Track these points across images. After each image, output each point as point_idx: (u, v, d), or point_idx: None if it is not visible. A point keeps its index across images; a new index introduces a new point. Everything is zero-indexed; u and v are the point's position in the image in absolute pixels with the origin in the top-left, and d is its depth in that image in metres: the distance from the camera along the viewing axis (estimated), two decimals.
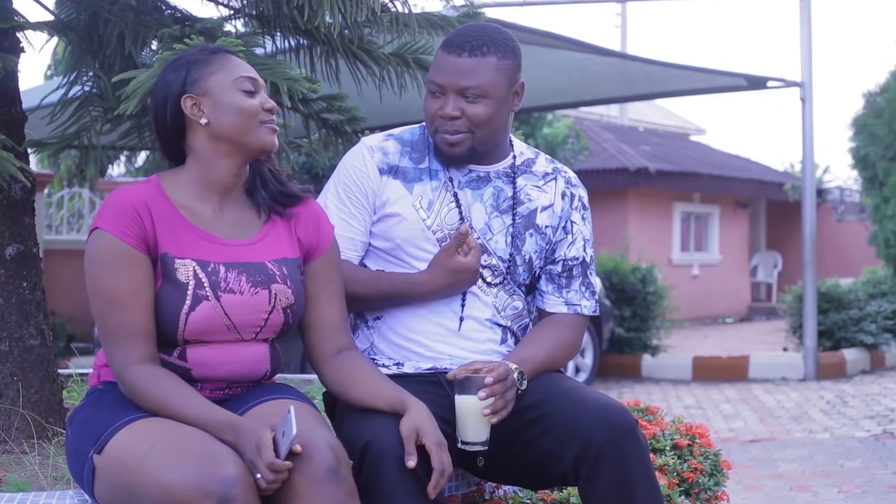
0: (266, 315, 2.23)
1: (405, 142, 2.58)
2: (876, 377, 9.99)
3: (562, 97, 9.83)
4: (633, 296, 10.49)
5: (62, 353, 8.64)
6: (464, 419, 2.30)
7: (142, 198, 2.20)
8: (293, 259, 2.30)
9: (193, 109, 2.23)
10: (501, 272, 2.54)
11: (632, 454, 2.27)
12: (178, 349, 2.20)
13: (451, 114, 2.45)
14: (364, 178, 2.53)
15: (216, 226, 2.25)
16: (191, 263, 2.18)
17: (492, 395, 2.28)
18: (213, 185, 2.26)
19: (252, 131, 2.23)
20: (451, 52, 2.47)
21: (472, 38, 2.47)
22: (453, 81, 2.45)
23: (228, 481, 1.91)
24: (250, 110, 2.23)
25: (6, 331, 3.01)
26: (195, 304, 2.16)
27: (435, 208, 2.52)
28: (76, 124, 3.18)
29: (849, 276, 13.74)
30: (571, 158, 12.78)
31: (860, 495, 5.14)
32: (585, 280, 2.62)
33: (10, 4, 3.03)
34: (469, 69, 2.44)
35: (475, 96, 2.45)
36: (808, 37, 9.71)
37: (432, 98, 2.49)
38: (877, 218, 11.24)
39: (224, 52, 2.31)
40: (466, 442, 2.31)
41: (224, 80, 2.24)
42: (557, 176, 2.65)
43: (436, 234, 2.50)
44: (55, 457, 2.70)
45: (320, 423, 2.14)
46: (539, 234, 2.57)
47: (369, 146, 2.56)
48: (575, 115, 16.09)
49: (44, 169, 10.95)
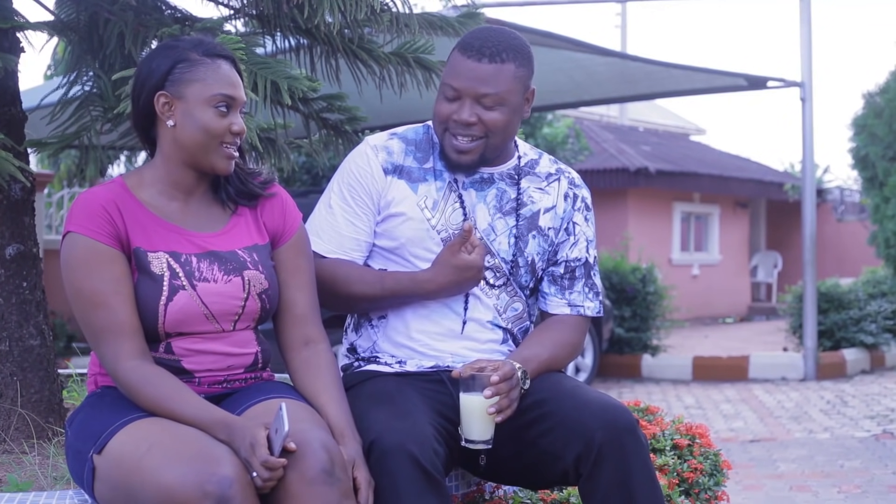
0: (242, 302, 2.25)
1: (409, 141, 2.57)
2: (876, 377, 9.98)
3: (562, 97, 9.84)
4: (633, 296, 10.48)
5: (62, 352, 8.64)
6: (468, 418, 2.30)
7: (109, 197, 2.21)
8: (262, 245, 2.32)
9: (164, 108, 2.22)
10: (504, 274, 2.53)
11: (633, 454, 2.27)
12: (163, 344, 2.21)
13: (468, 120, 2.43)
14: (368, 178, 2.52)
15: (184, 219, 2.27)
16: (164, 256, 2.20)
17: (497, 394, 2.28)
18: (177, 184, 2.27)
19: (210, 152, 2.22)
20: (470, 56, 2.43)
21: (491, 43, 2.44)
22: (472, 87, 2.42)
23: (226, 481, 1.92)
24: (215, 131, 2.21)
25: (6, 331, 3.01)
26: (172, 294, 2.18)
27: (440, 208, 2.51)
28: (76, 124, 3.18)
29: (849, 276, 13.75)
30: (571, 158, 12.78)
31: (860, 495, 5.14)
32: (589, 281, 2.61)
33: (10, 4, 3.03)
34: (489, 76, 2.42)
35: (493, 103, 2.43)
36: (808, 37, 9.71)
37: (446, 101, 2.46)
38: (877, 218, 11.24)
39: (216, 58, 2.25)
40: (470, 440, 2.31)
41: (201, 93, 2.21)
42: (560, 177, 2.64)
43: (440, 234, 2.50)
44: (55, 457, 2.70)
45: (316, 423, 2.14)
46: (542, 236, 2.57)
47: (373, 145, 2.55)
48: (575, 115, 16.09)
49: (44, 169, 10.94)
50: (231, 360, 2.26)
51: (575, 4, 11.36)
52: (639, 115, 21.98)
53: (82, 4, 3.09)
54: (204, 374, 2.23)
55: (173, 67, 2.22)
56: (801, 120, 9.85)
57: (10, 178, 2.85)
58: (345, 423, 2.20)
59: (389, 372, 2.49)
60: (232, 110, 2.23)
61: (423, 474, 2.14)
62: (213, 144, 2.22)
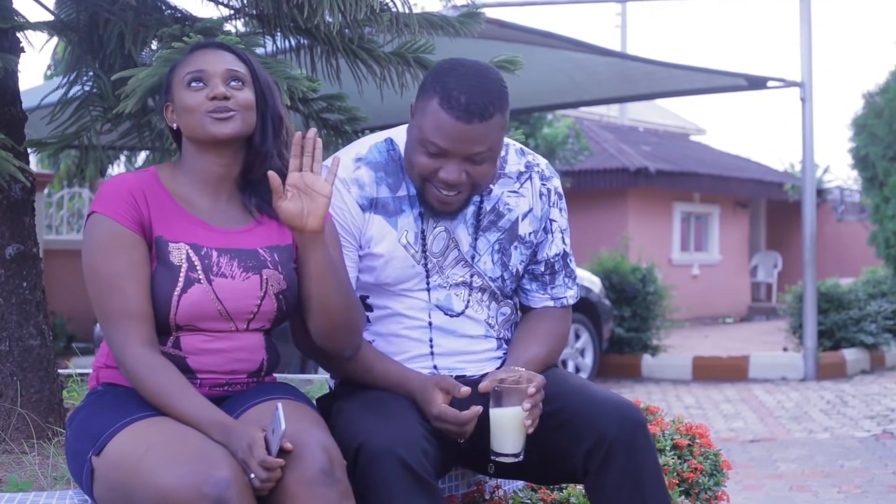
0: (258, 301, 2.24)
1: (377, 166, 2.47)
2: (876, 377, 9.98)
3: (562, 97, 9.83)
4: (633, 296, 10.49)
5: (62, 352, 8.64)
6: (502, 431, 2.26)
7: (138, 184, 2.24)
8: (284, 247, 2.31)
9: (171, 116, 2.30)
10: (490, 289, 2.53)
11: (643, 450, 2.28)
12: (172, 337, 2.21)
13: (458, 180, 2.35)
14: (347, 216, 2.44)
15: (210, 215, 2.28)
16: (184, 247, 2.20)
17: (534, 406, 2.26)
18: (206, 181, 2.29)
19: (199, 126, 2.23)
20: (458, 117, 2.30)
21: (476, 99, 2.30)
22: (462, 149, 2.32)
23: (223, 483, 1.91)
24: (191, 106, 2.23)
25: (6, 331, 3.01)
26: (187, 286, 2.18)
27: (421, 239, 2.47)
28: (76, 124, 3.18)
29: (849, 276, 13.75)
30: (571, 158, 12.80)
31: (860, 495, 5.14)
32: (567, 270, 2.62)
33: (10, 4, 3.02)
34: (479, 136, 2.32)
35: (483, 159, 2.36)
36: (808, 37, 9.71)
37: (428, 156, 2.35)
38: (877, 218, 11.24)
39: (199, 49, 2.31)
40: (504, 454, 2.27)
41: (178, 79, 2.28)
42: (531, 173, 2.58)
43: (427, 265, 2.47)
44: (55, 457, 2.70)
45: (315, 424, 2.14)
46: (523, 245, 2.55)
47: (343, 179, 2.44)
48: (575, 115, 16.09)
49: (44, 169, 10.94)
50: (236, 365, 2.25)
51: (575, 4, 11.36)
52: (639, 115, 21.98)
53: (82, 4, 3.09)
54: (206, 376, 2.23)
55: (171, 73, 2.31)
56: (801, 120, 9.85)
57: (10, 178, 2.85)
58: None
59: None
60: (208, 82, 2.23)
61: (412, 476, 2.13)
62: (197, 118, 2.23)
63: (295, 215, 2.15)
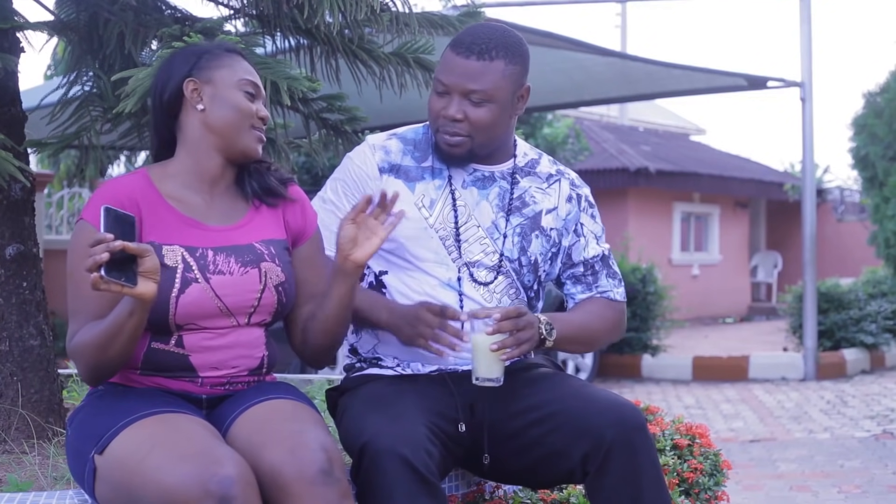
0: (258, 294, 2.25)
1: (408, 141, 2.59)
2: (876, 377, 9.99)
3: (562, 97, 9.83)
4: (633, 296, 10.48)
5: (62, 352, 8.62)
6: (475, 355, 2.35)
7: (128, 191, 2.24)
8: (280, 240, 2.34)
9: (194, 94, 2.30)
10: (507, 274, 2.53)
11: (642, 451, 2.28)
12: (175, 336, 2.21)
13: (454, 115, 2.45)
14: (363, 177, 2.53)
15: (204, 214, 2.29)
16: (178, 249, 2.21)
17: (500, 331, 2.31)
18: (203, 175, 2.30)
19: (242, 132, 2.29)
20: (459, 52, 2.45)
21: (481, 40, 2.45)
22: (459, 83, 2.44)
23: (228, 481, 1.91)
24: (246, 111, 2.30)
25: (6, 331, 3.01)
26: (184, 286, 2.19)
27: (437, 207, 2.52)
28: (76, 124, 3.18)
29: (849, 276, 13.75)
30: (571, 158, 12.78)
31: (860, 495, 5.14)
32: (609, 271, 2.67)
33: (10, 4, 3.02)
34: (477, 73, 2.43)
35: (480, 100, 2.44)
36: (808, 37, 9.72)
37: (437, 97, 2.49)
38: (877, 218, 11.24)
39: (236, 54, 2.37)
40: (478, 377, 2.34)
41: (229, 77, 2.31)
42: (561, 178, 2.66)
43: (438, 233, 2.50)
44: (55, 457, 2.70)
45: (315, 424, 2.14)
46: (544, 236, 2.58)
47: (371, 144, 2.57)
48: (575, 115, 16.09)
49: (44, 169, 10.93)
50: (238, 361, 2.26)
51: (575, 4, 11.36)
52: (639, 115, 21.99)
53: (82, 4, 3.09)
54: (208, 374, 2.23)
55: (199, 59, 2.32)
56: (801, 120, 9.86)
57: (10, 178, 2.85)
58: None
59: (391, 374, 2.50)
60: (256, 98, 2.33)
61: (415, 476, 2.14)
62: (245, 125, 2.29)
63: (348, 240, 2.24)
